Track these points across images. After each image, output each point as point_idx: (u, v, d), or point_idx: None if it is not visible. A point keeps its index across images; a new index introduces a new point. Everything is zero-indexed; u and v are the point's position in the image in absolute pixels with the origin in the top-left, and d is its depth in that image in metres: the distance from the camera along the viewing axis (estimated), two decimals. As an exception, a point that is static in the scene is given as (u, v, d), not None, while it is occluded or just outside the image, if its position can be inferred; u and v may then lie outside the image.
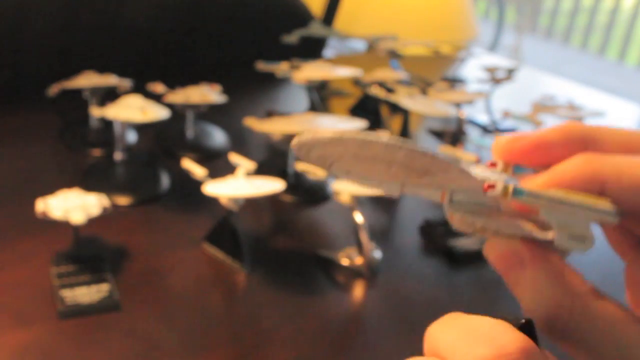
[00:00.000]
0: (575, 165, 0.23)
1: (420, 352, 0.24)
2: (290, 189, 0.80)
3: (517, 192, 0.22)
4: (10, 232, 0.68)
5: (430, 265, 0.72)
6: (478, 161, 0.76)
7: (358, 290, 0.66)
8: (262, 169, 0.79)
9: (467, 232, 0.24)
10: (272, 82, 1.15)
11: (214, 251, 0.68)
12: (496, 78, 1.09)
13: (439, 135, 1.06)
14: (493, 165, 0.25)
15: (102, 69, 0.93)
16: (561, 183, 0.22)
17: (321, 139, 0.22)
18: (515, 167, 0.24)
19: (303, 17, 1.31)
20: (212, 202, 0.67)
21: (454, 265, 0.72)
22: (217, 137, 0.95)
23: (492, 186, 0.22)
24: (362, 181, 0.23)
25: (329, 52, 1.46)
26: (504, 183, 0.22)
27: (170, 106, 0.82)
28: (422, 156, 0.21)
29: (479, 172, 0.24)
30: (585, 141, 0.23)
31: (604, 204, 0.22)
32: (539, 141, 0.24)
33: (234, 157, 0.71)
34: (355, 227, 0.67)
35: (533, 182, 0.23)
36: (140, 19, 1.16)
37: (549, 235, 0.22)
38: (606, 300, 0.22)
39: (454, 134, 1.02)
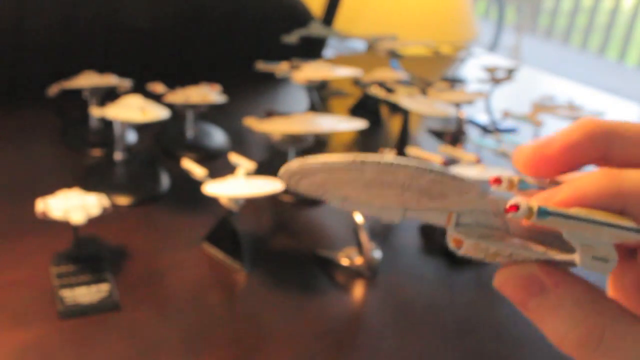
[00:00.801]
0: (596, 180, 0.22)
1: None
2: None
3: (542, 212, 0.21)
4: (10, 232, 0.68)
5: (430, 265, 0.72)
6: (478, 161, 0.76)
7: (358, 290, 0.66)
8: (262, 169, 0.79)
9: (476, 258, 0.22)
10: (272, 82, 1.15)
11: (214, 251, 0.68)
12: (496, 78, 1.09)
13: (439, 135, 1.06)
14: (497, 181, 0.23)
15: (102, 69, 0.93)
16: (583, 199, 0.21)
17: (335, 165, 0.20)
18: (520, 183, 0.23)
19: (303, 17, 1.31)
20: (212, 202, 0.67)
21: (454, 266, 0.72)
22: (217, 137, 0.95)
23: (515, 207, 0.21)
24: (359, 207, 0.22)
25: (329, 52, 1.46)
26: (527, 204, 0.21)
27: (170, 106, 0.82)
28: (451, 180, 0.20)
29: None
30: (608, 138, 0.23)
31: (629, 223, 0.21)
32: (565, 144, 0.23)
33: (234, 157, 0.71)
34: (355, 227, 0.67)
35: (552, 200, 0.22)
36: (140, 19, 1.16)
37: (569, 257, 0.21)
38: (636, 317, 0.21)
39: (454, 134, 1.02)
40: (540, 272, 0.22)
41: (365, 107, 1.10)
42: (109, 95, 0.86)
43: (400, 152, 0.91)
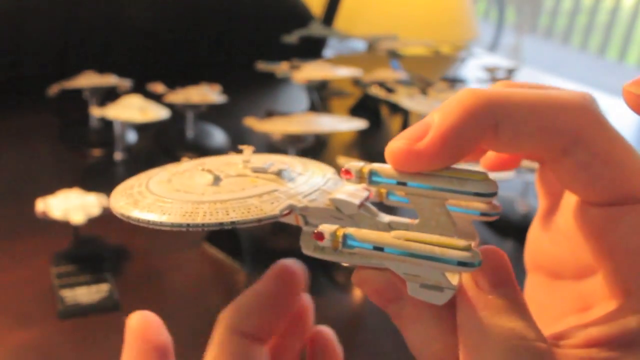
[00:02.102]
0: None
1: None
2: (290, 189, 0.79)
3: (347, 244, 0.18)
4: (10, 232, 0.68)
5: (430, 265, 0.72)
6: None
7: (358, 290, 0.66)
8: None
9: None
10: (272, 82, 1.15)
11: (214, 251, 0.68)
12: (496, 78, 1.09)
13: (439, 135, 1.06)
14: (347, 173, 0.20)
15: (102, 69, 0.93)
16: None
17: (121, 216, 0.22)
18: (371, 175, 0.20)
19: (303, 17, 1.31)
20: (212, 202, 0.67)
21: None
22: (217, 137, 0.95)
23: (320, 236, 0.19)
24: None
25: (329, 52, 1.46)
26: (332, 232, 0.19)
27: (170, 106, 0.82)
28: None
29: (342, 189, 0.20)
30: (495, 112, 0.18)
31: (457, 253, 0.17)
32: (442, 133, 0.18)
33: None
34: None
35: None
36: (140, 18, 1.16)
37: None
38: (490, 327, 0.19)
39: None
40: (397, 280, 0.20)
41: (365, 107, 1.10)
42: (109, 95, 0.86)
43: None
